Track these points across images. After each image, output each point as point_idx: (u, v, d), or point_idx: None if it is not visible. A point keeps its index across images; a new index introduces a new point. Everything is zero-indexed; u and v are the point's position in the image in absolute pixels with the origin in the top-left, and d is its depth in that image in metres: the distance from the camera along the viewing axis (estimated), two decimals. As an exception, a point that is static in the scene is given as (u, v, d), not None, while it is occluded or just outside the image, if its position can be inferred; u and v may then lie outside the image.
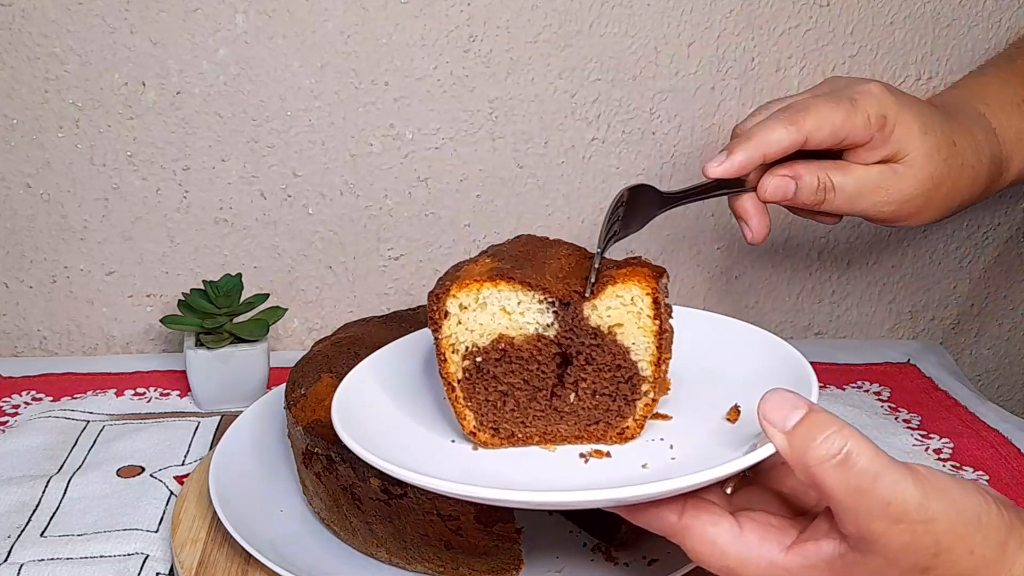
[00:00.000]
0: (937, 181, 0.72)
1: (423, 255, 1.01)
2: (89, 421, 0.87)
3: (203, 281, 0.90)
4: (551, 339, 0.57)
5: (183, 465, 0.80)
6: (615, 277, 0.56)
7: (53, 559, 0.67)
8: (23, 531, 0.70)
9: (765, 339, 0.63)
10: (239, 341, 0.88)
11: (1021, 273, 1.09)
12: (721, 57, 0.97)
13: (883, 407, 0.92)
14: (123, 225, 0.96)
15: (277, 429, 0.77)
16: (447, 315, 0.56)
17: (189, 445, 0.83)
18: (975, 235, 1.07)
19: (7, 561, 0.67)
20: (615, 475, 0.56)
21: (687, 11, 0.95)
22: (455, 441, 0.59)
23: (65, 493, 0.75)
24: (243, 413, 0.79)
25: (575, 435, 0.59)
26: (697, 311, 0.67)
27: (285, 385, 0.72)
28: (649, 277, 0.56)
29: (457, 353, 0.57)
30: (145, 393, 0.93)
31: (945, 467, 0.81)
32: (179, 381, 0.94)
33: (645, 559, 0.64)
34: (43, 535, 0.70)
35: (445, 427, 0.61)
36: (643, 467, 0.56)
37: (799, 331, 1.08)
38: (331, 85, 0.94)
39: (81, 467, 0.79)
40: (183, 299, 0.90)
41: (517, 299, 0.56)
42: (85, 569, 0.67)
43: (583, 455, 0.58)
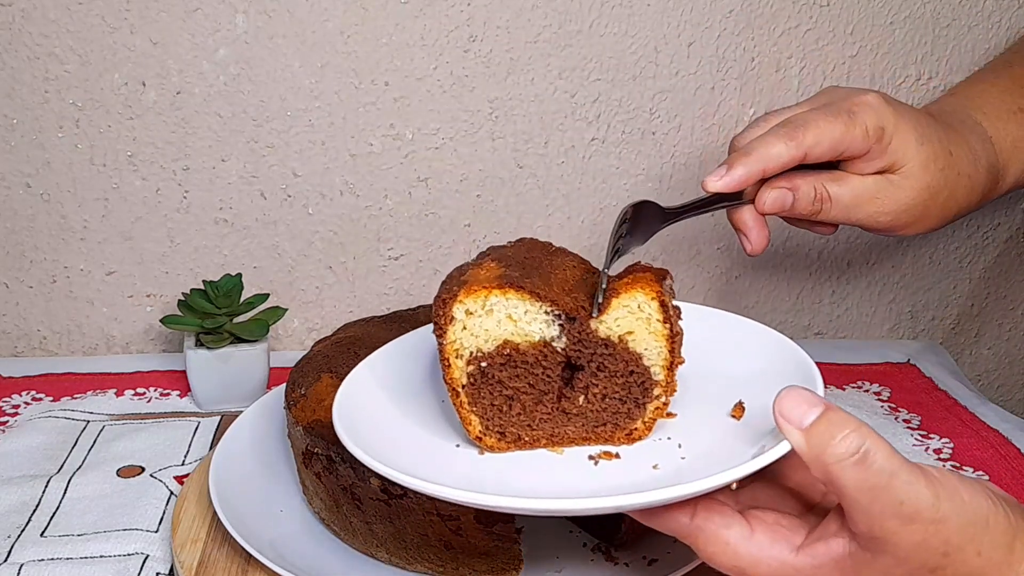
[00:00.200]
0: (934, 191, 0.72)
1: (423, 255, 1.01)
2: (89, 421, 0.87)
3: (203, 281, 0.90)
4: (558, 350, 0.57)
5: (183, 465, 0.80)
6: (617, 289, 0.56)
7: (53, 559, 0.67)
8: (23, 531, 0.70)
9: (768, 336, 0.63)
10: (239, 341, 0.88)
11: (1021, 273, 1.09)
12: (721, 57, 0.97)
13: (883, 407, 0.92)
14: (123, 225, 0.96)
15: (277, 429, 0.77)
16: (452, 320, 0.55)
17: (189, 445, 0.83)
18: (975, 235, 1.07)
19: (7, 561, 0.67)
20: (627, 478, 0.55)
21: (687, 11, 0.95)
22: (460, 445, 0.59)
23: (65, 493, 0.75)
24: (243, 413, 0.79)
25: (583, 437, 0.58)
26: (698, 306, 0.67)
27: (285, 385, 0.72)
28: (652, 281, 0.56)
29: (461, 358, 0.56)
30: (145, 393, 0.93)
31: (945, 467, 0.81)
32: (179, 381, 0.94)
33: (645, 559, 0.64)
34: (43, 535, 0.70)
35: (449, 430, 0.60)
36: (654, 468, 0.55)
37: (799, 331, 1.08)
38: (331, 85, 0.94)
39: (81, 467, 0.79)
40: (183, 299, 0.90)
41: (524, 308, 0.56)
42: (85, 569, 0.67)
43: (592, 457, 0.57)
